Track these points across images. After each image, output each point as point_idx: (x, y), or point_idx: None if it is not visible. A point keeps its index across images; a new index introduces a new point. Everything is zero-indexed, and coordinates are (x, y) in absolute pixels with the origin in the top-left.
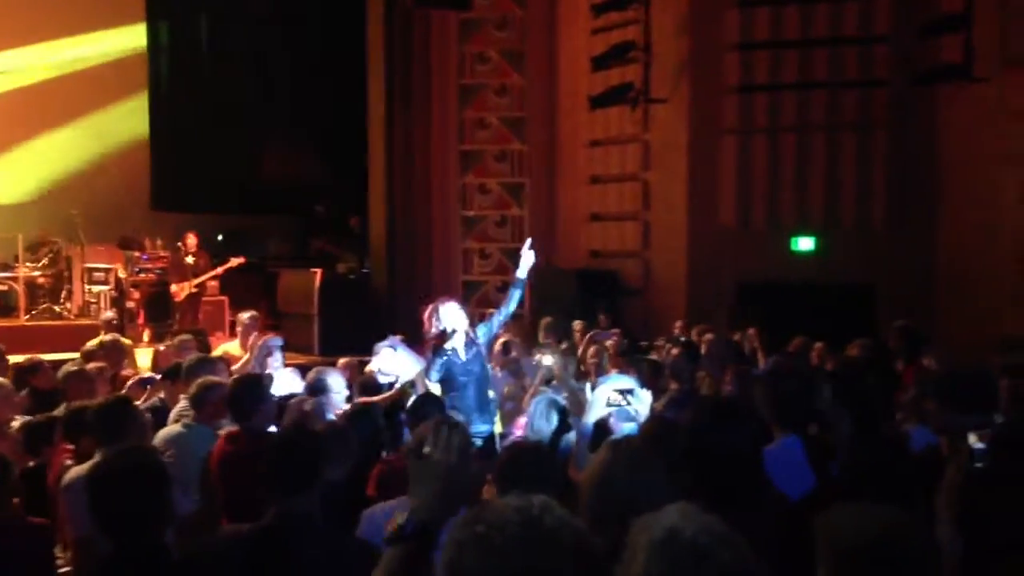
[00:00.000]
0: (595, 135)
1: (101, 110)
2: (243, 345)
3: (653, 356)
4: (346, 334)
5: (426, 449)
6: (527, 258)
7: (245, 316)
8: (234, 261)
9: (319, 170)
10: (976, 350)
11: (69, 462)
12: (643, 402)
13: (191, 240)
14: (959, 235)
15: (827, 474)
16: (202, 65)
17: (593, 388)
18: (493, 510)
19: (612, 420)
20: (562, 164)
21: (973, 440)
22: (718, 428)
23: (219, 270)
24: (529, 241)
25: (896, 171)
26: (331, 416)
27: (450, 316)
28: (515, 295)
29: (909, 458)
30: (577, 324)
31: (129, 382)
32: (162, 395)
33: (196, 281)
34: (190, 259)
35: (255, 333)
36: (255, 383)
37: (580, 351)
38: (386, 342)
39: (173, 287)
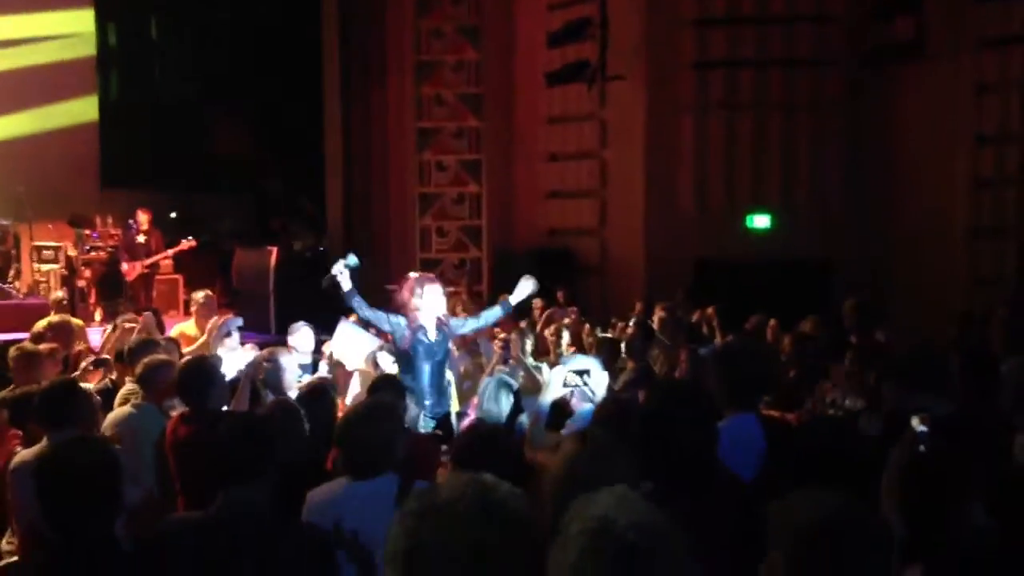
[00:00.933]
0: (553, 112)
1: (49, 87)
2: (199, 325)
3: (610, 334)
4: (302, 313)
5: None
6: (525, 288)
7: (200, 296)
8: (186, 244)
9: (274, 147)
10: (929, 326)
11: (18, 447)
12: (600, 383)
13: (143, 217)
14: (913, 212)
15: (782, 454)
16: (152, 40)
17: (551, 367)
18: (449, 484)
19: (572, 400)
20: (520, 141)
21: (916, 423)
22: (670, 413)
23: (170, 252)
24: (528, 279)
25: (851, 149)
26: (288, 394)
27: (431, 296)
28: (496, 314)
29: (860, 440)
30: (536, 302)
31: (83, 363)
32: (113, 376)
33: (148, 261)
34: (142, 238)
35: (213, 313)
36: (204, 365)
37: (539, 328)
38: (344, 321)
39: (124, 266)
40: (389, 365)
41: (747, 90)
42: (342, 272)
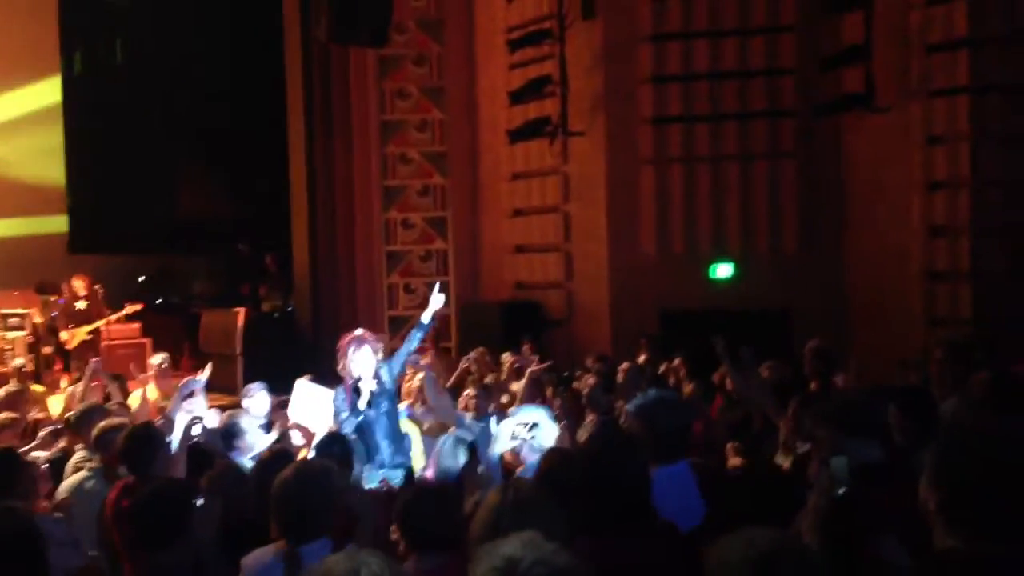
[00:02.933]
0: (516, 168)
1: (14, 153)
2: (159, 388)
3: (575, 386)
4: (270, 373)
5: None
6: (436, 301)
7: (156, 359)
8: (130, 307)
9: (240, 208)
10: (888, 370)
11: None
12: (549, 435)
13: (78, 284)
14: (867, 258)
15: (719, 502)
16: (117, 105)
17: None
18: (330, 561)
19: (522, 452)
20: (484, 197)
21: (835, 467)
22: (603, 460)
23: (113, 317)
24: (438, 284)
25: (805, 198)
26: (247, 459)
27: (360, 362)
28: (416, 336)
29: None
30: (506, 357)
31: (41, 432)
32: (63, 444)
33: (88, 328)
34: (82, 304)
35: (170, 376)
36: (147, 432)
37: (505, 380)
38: (301, 380)
39: (63, 334)
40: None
41: (704, 142)
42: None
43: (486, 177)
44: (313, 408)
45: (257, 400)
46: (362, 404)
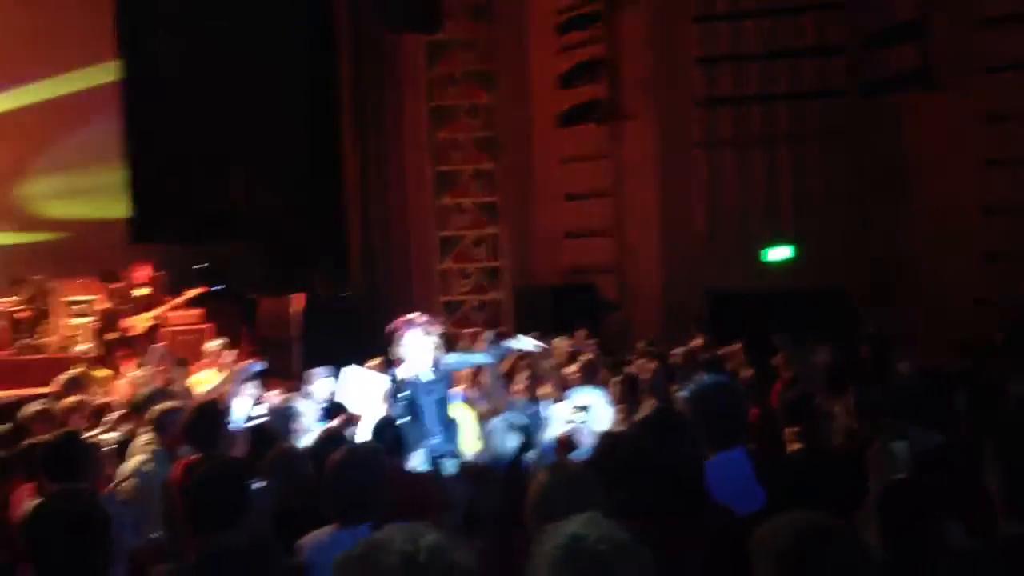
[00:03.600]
0: (567, 152)
1: (76, 145)
2: (218, 373)
3: (628, 370)
4: (327, 358)
5: None
6: (525, 343)
7: (213, 345)
8: (192, 292)
9: (296, 196)
10: (942, 353)
11: (29, 499)
12: (603, 417)
13: (140, 271)
14: (925, 239)
15: (778, 488)
16: (174, 96)
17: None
18: (378, 554)
19: (580, 435)
20: (536, 182)
21: (896, 449)
22: (652, 444)
23: (177, 300)
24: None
25: (860, 178)
26: (303, 441)
27: (411, 344)
28: (485, 359)
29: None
30: (558, 342)
31: (106, 416)
32: (128, 428)
33: (151, 314)
34: (144, 291)
35: (227, 361)
36: (211, 410)
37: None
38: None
39: (127, 320)
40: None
41: (756, 123)
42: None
43: (538, 161)
44: (361, 393)
45: (320, 385)
46: (426, 375)
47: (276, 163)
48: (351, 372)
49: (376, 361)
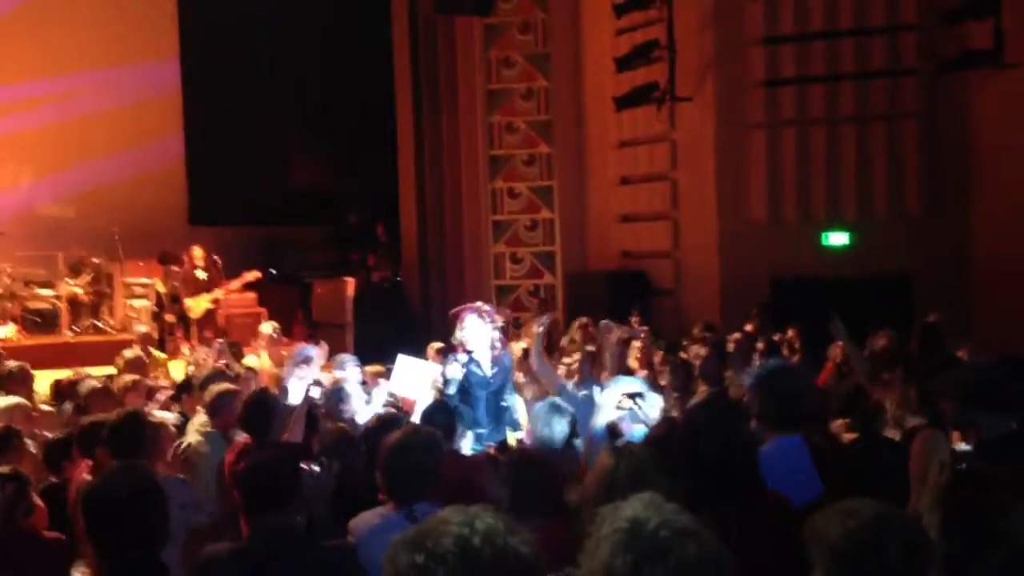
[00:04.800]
0: (623, 136)
1: (137, 128)
2: (272, 357)
3: (682, 355)
4: (381, 342)
5: None
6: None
7: (267, 328)
8: (249, 276)
9: (350, 180)
10: (1014, 341)
11: (87, 477)
12: (653, 405)
13: (197, 253)
14: (995, 223)
15: (835, 476)
16: (232, 80)
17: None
18: (434, 536)
19: (623, 423)
20: (591, 166)
21: (957, 441)
22: (708, 431)
23: (235, 284)
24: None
25: (929, 160)
26: (357, 424)
27: (470, 329)
28: (548, 373)
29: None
30: (610, 325)
31: (160, 396)
32: (182, 407)
33: (209, 297)
34: (201, 274)
35: (278, 345)
36: (265, 398)
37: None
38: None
39: (185, 302)
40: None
41: (818, 104)
42: None
43: (592, 145)
44: (414, 380)
45: (348, 372)
46: (486, 368)
47: (332, 147)
48: (404, 360)
49: (437, 345)
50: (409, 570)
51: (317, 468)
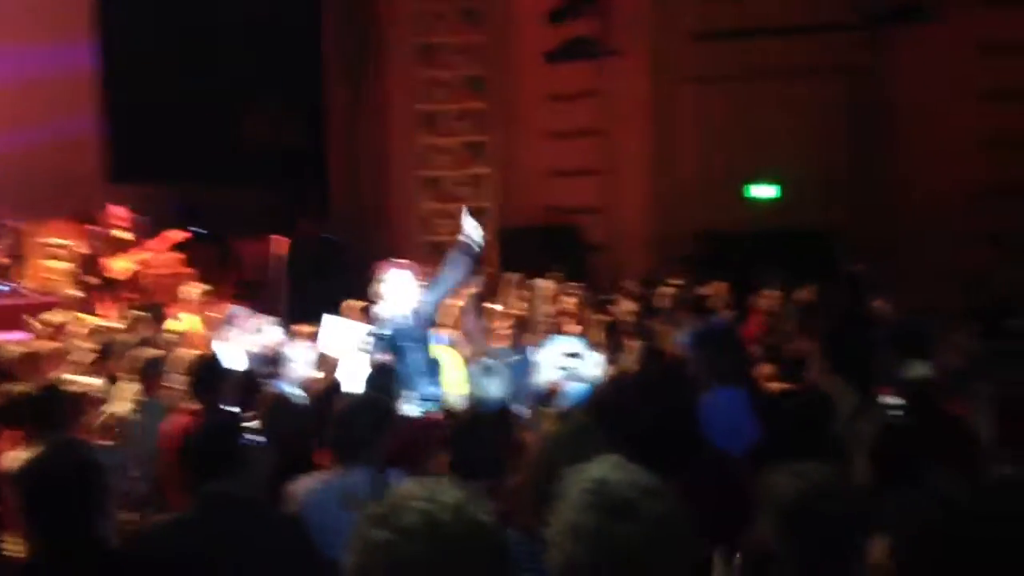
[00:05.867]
0: (554, 90)
1: (54, 85)
2: (200, 318)
3: (611, 310)
4: (312, 302)
5: None
6: (470, 226)
7: (192, 291)
8: (175, 235)
9: (279, 136)
10: (938, 288)
11: (16, 447)
12: (592, 364)
13: (120, 212)
14: (919, 176)
15: (771, 427)
16: (154, 34)
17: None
18: (400, 512)
19: (562, 382)
20: (522, 120)
21: (886, 397)
22: (652, 398)
23: (160, 244)
24: (466, 209)
25: (854, 115)
26: (290, 387)
27: (393, 284)
28: (464, 263)
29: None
30: (542, 282)
31: (85, 361)
32: (107, 372)
33: (132, 258)
34: (123, 234)
35: (208, 308)
36: (214, 361)
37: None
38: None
39: (109, 263)
40: None
41: (747, 60)
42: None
43: (524, 99)
44: (341, 341)
45: (270, 334)
46: (408, 319)
47: (260, 103)
48: (331, 320)
49: (357, 304)
50: (376, 547)
51: (258, 438)
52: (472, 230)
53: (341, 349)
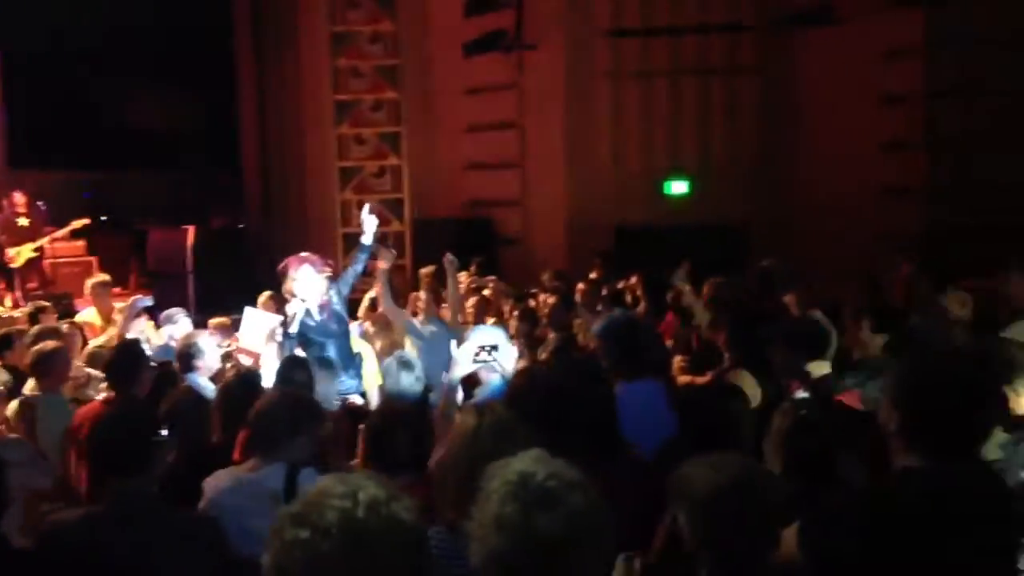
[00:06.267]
0: (471, 83)
1: None
2: (100, 311)
3: (530, 303)
4: (222, 293)
5: None
6: (369, 223)
7: (93, 281)
8: (77, 222)
9: (188, 123)
10: (840, 286)
11: None
12: (509, 356)
13: (18, 199)
14: (823, 173)
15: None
16: (56, 16)
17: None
18: (317, 510)
19: (481, 374)
20: (439, 112)
21: (797, 391)
22: (568, 390)
23: (61, 232)
24: (368, 207)
25: (763, 113)
26: (204, 380)
27: (300, 280)
28: (361, 258)
29: (746, 408)
30: (462, 276)
31: None
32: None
33: (32, 245)
34: (23, 220)
35: (108, 298)
36: (134, 351)
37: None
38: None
39: (9, 251)
40: None
41: (662, 56)
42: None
43: (441, 91)
44: (258, 333)
45: (181, 326)
46: (293, 327)
47: (168, 87)
48: (251, 312)
49: (265, 296)
50: (294, 546)
51: (165, 432)
52: (368, 226)
53: (260, 341)
